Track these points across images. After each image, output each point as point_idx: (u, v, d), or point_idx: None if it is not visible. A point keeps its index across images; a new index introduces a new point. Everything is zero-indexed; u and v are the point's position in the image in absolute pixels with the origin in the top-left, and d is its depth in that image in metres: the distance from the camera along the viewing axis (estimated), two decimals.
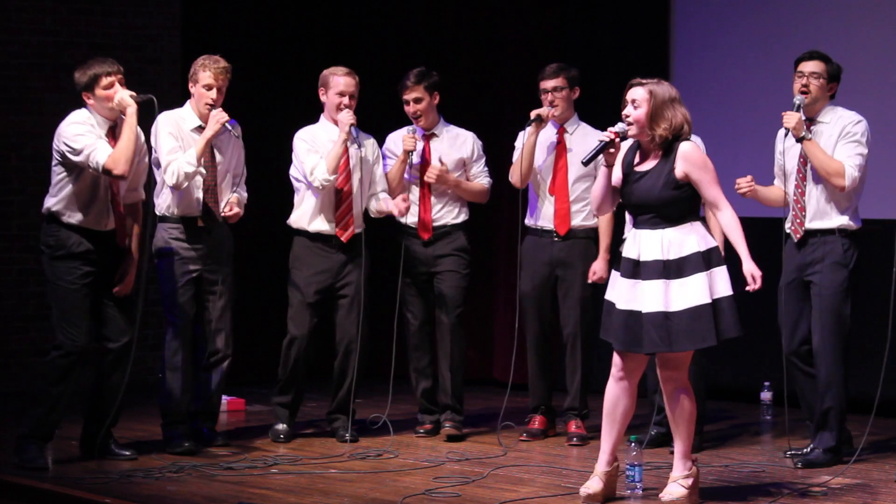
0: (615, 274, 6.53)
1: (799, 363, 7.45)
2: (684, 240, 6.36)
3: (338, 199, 7.98)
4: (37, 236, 7.52)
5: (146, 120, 7.36)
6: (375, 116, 8.76)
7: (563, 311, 8.17)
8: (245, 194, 7.92)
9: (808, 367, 7.43)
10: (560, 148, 8.13)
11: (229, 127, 7.63)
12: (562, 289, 8.14)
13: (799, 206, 7.42)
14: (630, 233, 6.55)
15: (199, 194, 7.66)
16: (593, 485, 6.48)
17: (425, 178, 8.13)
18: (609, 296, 6.53)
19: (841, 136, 7.31)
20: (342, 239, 7.97)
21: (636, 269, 6.39)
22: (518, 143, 8.16)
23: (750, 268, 6.35)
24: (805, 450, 7.47)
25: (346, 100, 7.96)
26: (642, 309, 6.35)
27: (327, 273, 7.99)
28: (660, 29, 9.79)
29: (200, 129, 7.63)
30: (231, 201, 7.74)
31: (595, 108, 9.02)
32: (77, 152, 7.14)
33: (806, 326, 7.41)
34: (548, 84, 8.10)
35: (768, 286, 7.14)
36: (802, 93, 7.36)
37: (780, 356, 7.58)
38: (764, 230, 7.09)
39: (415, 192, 8.17)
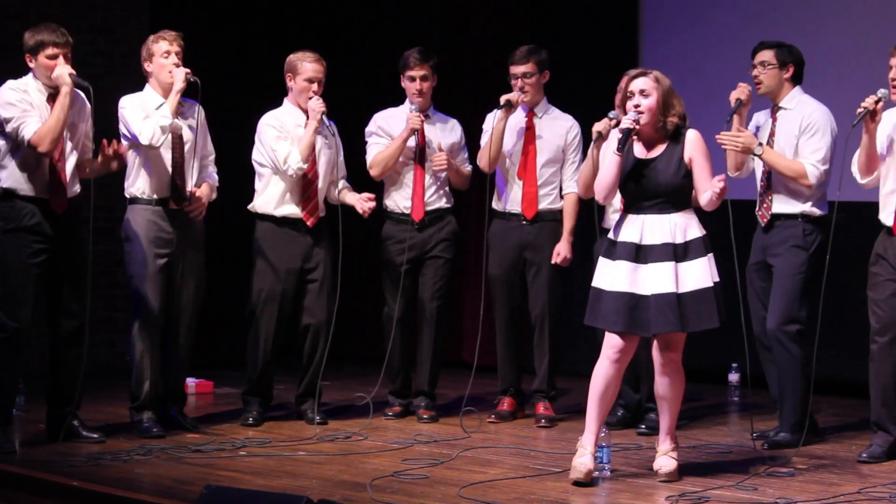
0: (604, 260, 6.58)
1: (766, 343, 7.50)
2: (688, 224, 6.51)
3: (304, 184, 7.97)
4: None
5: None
6: (347, 100, 8.75)
7: (531, 293, 8.19)
8: (216, 177, 7.91)
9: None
10: (529, 132, 8.14)
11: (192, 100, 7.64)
12: (530, 272, 8.16)
13: (766, 192, 7.48)
14: (626, 219, 6.57)
15: (169, 175, 7.63)
16: (587, 461, 6.52)
17: (435, 168, 8.10)
18: (598, 283, 6.58)
19: (802, 131, 7.36)
20: (308, 223, 7.96)
21: (638, 253, 6.47)
22: (485, 127, 8.17)
23: None
24: (771, 432, 7.52)
25: (315, 86, 7.93)
26: (649, 291, 6.44)
27: (296, 256, 7.98)
28: (629, 13, 9.81)
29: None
30: (202, 192, 7.73)
31: (565, 91, 9.05)
32: (6, 121, 7.15)
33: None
34: (518, 69, 8.09)
35: (741, 269, 7.19)
36: (757, 84, 7.41)
37: (746, 338, 7.61)
38: (738, 213, 7.13)
39: (408, 173, 8.16)
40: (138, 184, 7.67)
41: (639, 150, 6.59)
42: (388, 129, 8.20)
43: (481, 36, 10.23)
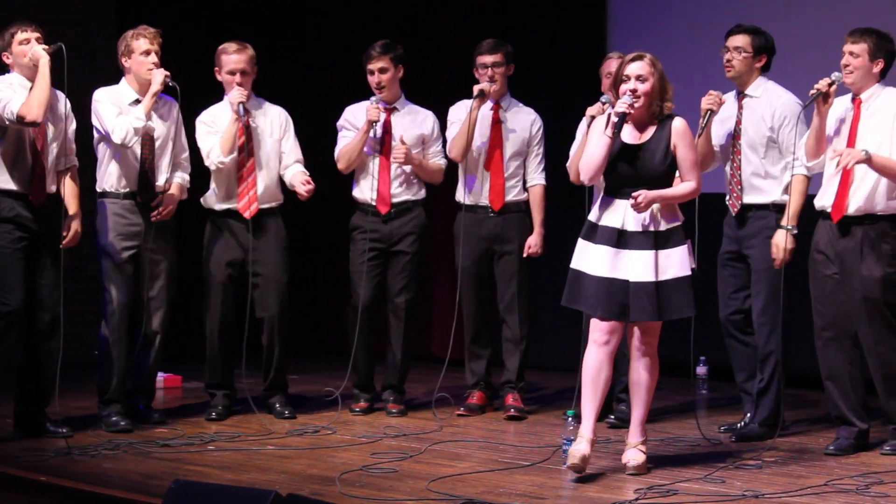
0: (584, 242, 6.56)
1: (734, 331, 7.53)
2: (669, 212, 6.51)
3: (238, 177, 7.94)
4: None
5: (58, 70, 7.24)
6: (320, 94, 8.73)
7: (499, 285, 8.20)
8: (187, 177, 7.90)
9: (744, 336, 7.50)
10: (496, 125, 8.15)
11: (167, 96, 7.61)
12: (499, 264, 8.18)
13: (735, 180, 7.48)
14: (608, 202, 6.55)
15: (139, 171, 7.61)
16: (584, 448, 6.51)
17: (392, 160, 8.09)
18: (578, 265, 6.55)
19: (780, 126, 7.36)
20: (244, 215, 7.93)
21: (621, 239, 6.46)
22: (451, 118, 8.18)
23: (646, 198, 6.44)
24: (740, 424, 7.55)
25: (237, 77, 7.89)
26: (630, 278, 6.43)
27: (237, 250, 7.96)
28: (596, 8, 9.81)
29: (138, 101, 7.60)
30: (172, 193, 7.71)
31: (533, 84, 9.06)
32: None
33: (741, 296, 7.48)
34: (487, 59, 8.10)
35: (705, 260, 7.20)
36: (727, 66, 7.42)
37: (715, 331, 7.65)
38: (709, 204, 7.15)
39: (374, 164, 8.15)
40: (108, 177, 7.65)
41: (627, 135, 6.55)
42: (354, 122, 8.19)
43: (450, 28, 10.22)
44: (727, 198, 7.54)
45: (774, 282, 7.33)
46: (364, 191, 8.20)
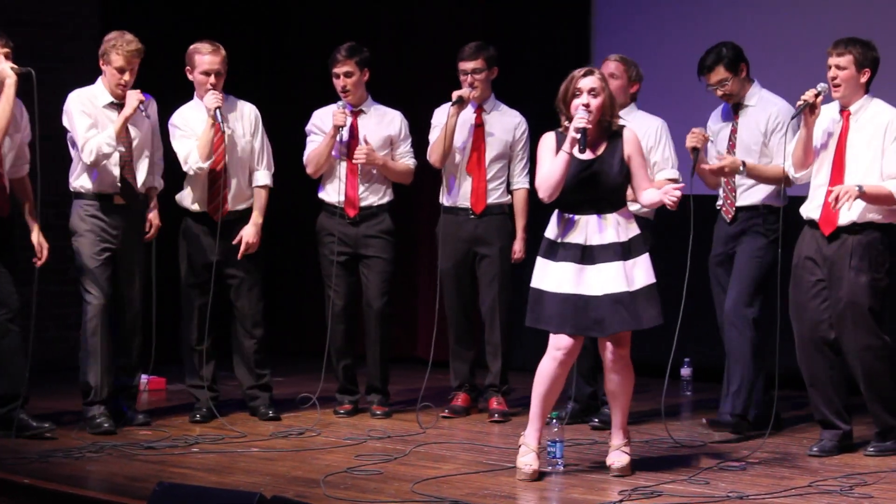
0: (544, 261, 6.57)
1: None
2: (628, 222, 6.53)
3: (210, 179, 7.93)
4: None
5: (28, 94, 7.24)
6: (296, 98, 8.72)
7: (481, 288, 8.21)
8: (161, 182, 7.91)
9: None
10: (479, 129, 8.15)
11: (142, 108, 7.58)
12: (480, 266, 8.18)
13: (729, 187, 7.54)
14: (567, 219, 6.55)
15: (117, 171, 7.61)
16: (532, 461, 6.55)
17: (353, 160, 8.10)
18: (539, 284, 6.56)
19: (772, 131, 7.40)
20: (214, 218, 7.91)
21: (584, 254, 6.46)
22: (434, 122, 8.18)
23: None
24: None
25: (212, 78, 7.86)
26: (600, 292, 6.44)
27: (209, 251, 7.95)
28: (581, 9, 9.82)
29: (113, 104, 7.61)
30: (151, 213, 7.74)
31: (517, 86, 9.06)
32: None
33: None
34: (467, 65, 8.10)
35: (694, 263, 7.22)
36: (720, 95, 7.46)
37: (699, 333, 7.67)
38: (696, 207, 7.17)
39: (341, 168, 8.14)
40: (82, 179, 7.64)
41: (582, 151, 6.53)
42: (322, 127, 8.19)
43: (433, 31, 10.22)
44: (720, 203, 7.60)
45: (751, 274, 7.40)
46: (331, 193, 8.18)
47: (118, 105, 7.58)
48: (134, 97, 7.51)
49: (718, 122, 7.66)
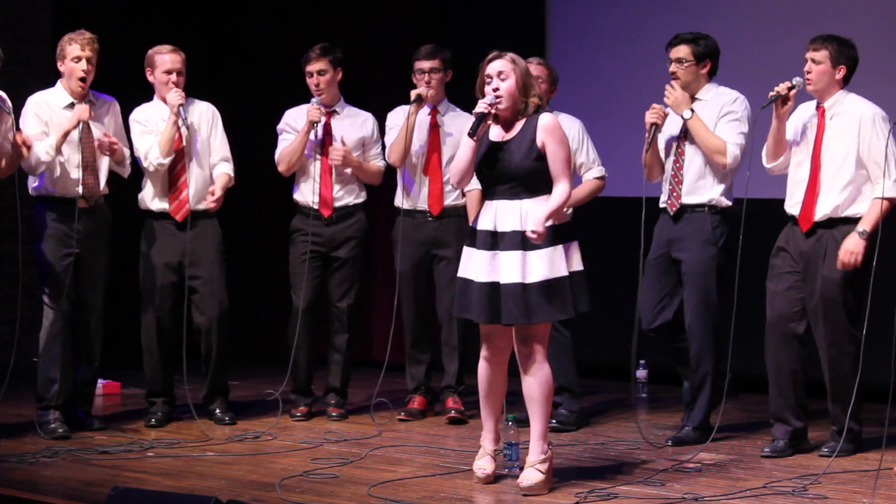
0: (468, 250, 6.47)
1: (660, 339, 7.57)
2: (537, 211, 6.31)
3: (170, 178, 7.91)
4: None
5: None
6: (259, 95, 8.68)
7: (438, 290, 8.21)
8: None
9: (677, 342, 7.55)
10: (433, 130, 8.16)
11: (94, 111, 7.57)
12: (437, 268, 8.19)
13: (676, 180, 7.50)
14: (484, 205, 6.49)
15: (79, 174, 7.58)
16: (486, 465, 6.54)
17: (330, 162, 8.09)
18: (463, 273, 6.47)
19: (721, 115, 7.42)
20: (176, 218, 7.89)
21: (494, 240, 6.37)
22: (389, 124, 8.19)
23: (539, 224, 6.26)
24: (679, 428, 7.59)
25: (173, 77, 7.88)
26: (503, 280, 6.32)
27: (172, 251, 7.92)
28: (536, 11, 9.83)
29: (73, 105, 7.57)
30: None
31: (470, 90, 9.05)
32: None
33: (670, 302, 7.52)
34: (424, 65, 8.11)
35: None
36: (673, 78, 7.46)
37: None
38: (634, 208, 7.17)
39: (315, 167, 8.13)
40: (46, 182, 7.60)
41: (496, 134, 6.47)
42: (294, 125, 8.18)
43: (387, 32, 10.21)
44: (664, 197, 7.54)
45: (707, 286, 7.39)
46: (305, 194, 8.18)
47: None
48: (83, 112, 7.50)
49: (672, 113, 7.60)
